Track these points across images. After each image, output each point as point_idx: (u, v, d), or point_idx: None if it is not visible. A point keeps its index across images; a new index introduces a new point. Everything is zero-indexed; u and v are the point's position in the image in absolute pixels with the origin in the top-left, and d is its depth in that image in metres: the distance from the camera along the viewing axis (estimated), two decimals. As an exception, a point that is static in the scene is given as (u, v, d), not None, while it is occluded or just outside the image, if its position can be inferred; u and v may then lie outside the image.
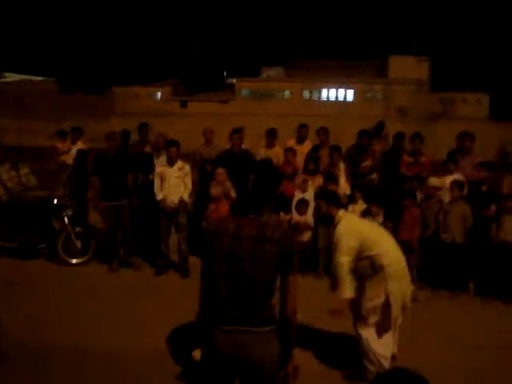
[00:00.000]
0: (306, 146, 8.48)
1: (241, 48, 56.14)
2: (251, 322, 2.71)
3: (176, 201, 7.36)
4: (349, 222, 4.59)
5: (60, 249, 7.80)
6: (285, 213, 7.60)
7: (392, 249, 4.61)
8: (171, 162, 7.42)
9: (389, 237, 4.74)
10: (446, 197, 7.15)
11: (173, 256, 7.74)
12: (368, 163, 8.15)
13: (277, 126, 9.05)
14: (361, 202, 7.36)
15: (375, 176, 8.08)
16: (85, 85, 46.05)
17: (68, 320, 5.72)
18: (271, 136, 8.51)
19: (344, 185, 7.77)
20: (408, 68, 41.98)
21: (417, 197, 7.31)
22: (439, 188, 7.30)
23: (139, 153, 8.28)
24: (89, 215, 8.95)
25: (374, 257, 4.46)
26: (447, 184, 7.13)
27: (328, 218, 4.92)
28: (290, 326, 2.79)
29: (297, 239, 3.01)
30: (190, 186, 7.58)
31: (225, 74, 55.41)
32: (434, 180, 7.39)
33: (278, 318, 2.80)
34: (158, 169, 7.58)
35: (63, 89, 45.73)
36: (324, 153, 8.22)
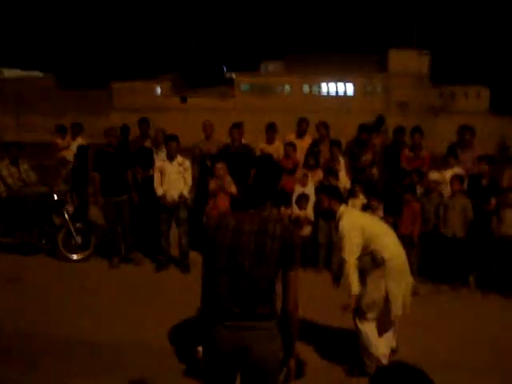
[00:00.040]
0: (306, 141, 8.45)
1: (240, 42, 55.93)
2: (253, 318, 2.70)
3: (176, 196, 7.35)
4: (351, 218, 4.58)
5: (60, 244, 7.80)
6: (285, 207, 7.60)
7: (393, 243, 4.61)
8: (171, 157, 7.40)
9: (390, 231, 4.74)
10: (447, 191, 7.14)
11: (173, 251, 7.74)
12: (368, 157, 8.14)
13: (277, 121, 9.01)
14: (361, 197, 7.35)
15: (375, 170, 8.07)
16: (84, 80, 45.91)
17: (69, 315, 5.74)
18: (271, 130, 8.48)
19: (344, 179, 7.76)
20: (408, 62, 41.79)
21: (417, 191, 7.31)
22: (439, 182, 7.29)
23: (139, 148, 8.26)
24: (89, 211, 8.97)
25: (375, 250, 4.47)
26: (447, 178, 7.12)
27: (329, 213, 4.91)
28: (292, 321, 2.78)
29: (298, 234, 2.98)
30: (190, 182, 7.56)
31: (224, 69, 55.31)
32: (435, 174, 7.38)
33: (280, 313, 2.79)
34: (158, 164, 7.56)
35: (62, 84, 45.57)
36: (324, 147, 8.21)
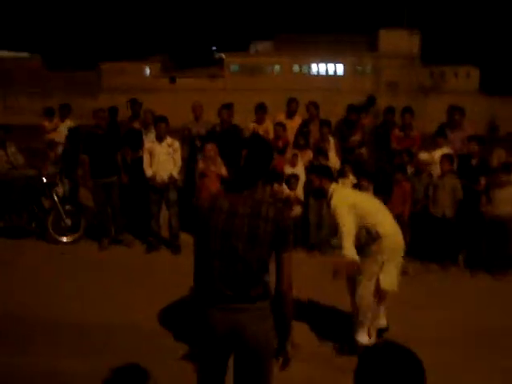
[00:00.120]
0: (296, 121, 8.42)
1: (230, 23, 55.42)
2: (246, 300, 2.70)
3: (165, 177, 7.32)
4: (342, 195, 4.61)
5: (50, 227, 7.76)
6: (278, 184, 7.54)
7: (389, 222, 4.62)
8: (160, 139, 7.35)
9: (384, 208, 4.74)
10: (436, 171, 7.16)
11: (164, 233, 7.73)
12: (357, 138, 8.14)
13: (266, 101, 8.97)
14: (351, 177, 7.35)
15: (364, 150, 8.07)
16: (72, 61, 45.38)
17: (58, 298, 5.72)
18: (261, 111, 8.43)
19: (334, 159, 7.75)
20: (399, 42, 41.68)
21: (407, 171, 7.32)
22: (429, 163, 7.30)
23: (128, 129, 8.20)
24: (79, 193, 8.92)
25: (369, 225, 4.48)
26: (436, 158, 7.13)
27: (319, 192, 4.92)
28: (286, 302, 2.77)
29: (291, 216, 2.96)
30: (180, 163, 7.53)
31: (214, 49, 54.84)
32: (424, 155, 7.38)
33: (274, 294, 2.79)
34: (147, 145, 7.51)
35: (50, 65, 45.02)
36: (314, 127, 8.18)
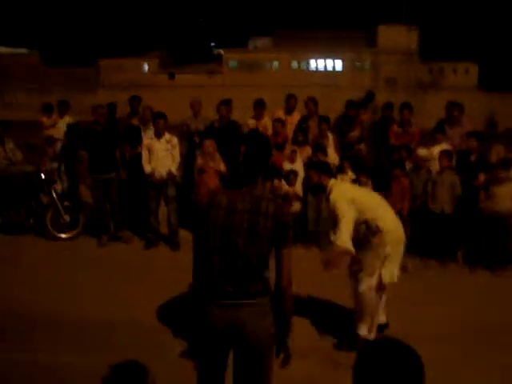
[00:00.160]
0: (295, 117, 8.41)
1: (228, 19, 55.22)
2: (246, 296, 2.70)
3: (164, 173, 7.32)
4: (341, 190, 4.60)
5: (48, 224, 7.76)
6: (279, 180, 7.54)
7: (390, 217, 4.62)
8: (159, 135, 7.34)
9: (384, 204, 4.73)
10: (435, 167, 7.16)
11: (162, 229, 7.73)
12: (355, 133, 8.14)
13: (265, 97, 8.94)
14: (350, 173, 7.35)
15: (363, 146, 8.07)
16: (70, 57, 45.21)
17: (57, 294, 5.73)
18: (260, 107, 8.42)
19: (333, 155, 7.75)
20: (397, 37, 41.58)
21: (406, 167, 7.32)
22: (427, 159, 7.29)
23: (127, 126, 8.20)
24: (79, 189, 8.91)
25: (369, 220, 4.48)
26: (435, 154, 7.13)
27: (318, 189, 4.91)
28: (286, 297, 2.77)
29: (290, 212, 2.95)
30: (178, 159, 7.53)
31: (212, 45, 54.73)
32: (423, 151, 7.38)
33: (274, 290, 2.78)
34: (146, 141, 7.51)
35: (48, 61, 44.86)
36: (313, 123, 8.17)
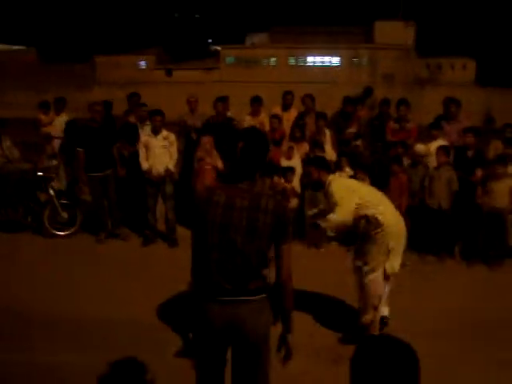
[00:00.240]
0: (292, 113, 8.41)
1: (225, 15, 54.99)
2: (245, 293, 2.70)
3: (162, 170, 7.31)
4: (342, 183, 4.62)
5: (46, 221, 7.74)
6: (278, 177, 7.54)
7: (390, 212, 4.62)
8: (156, 132, 7.33)
9: (384, 199, 4.74)
10: (432, 163, 7.15)
11: (160, 226, 7.73)
12: (353, 130, 8.14)
13: (263, 94, 8.93)
14: (347, 169, 7.35)
15: (360, 142, 8.07)
16: (67, 54, 45.00)
17: (55, 292, 5.72)
18: (257, 103, 8.42)
19: (330, 152, 7.75)
20: (394, 33, 41.47)
21: (403, 163, 7.32)
22: (425, 155, 7.29)
23: (124, 123, 8.19)
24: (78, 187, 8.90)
25: (369, 215, 4.48)
26: (433, 150, 7.12)
27: (316, 184, 4.92)
28: (286, 293, 2.78)
29: (290, 209, 2.96)
30: (176, 156, 7.52)
31: (209, 42, 54.60)
32: (421, 146, 7.38)
33: (274, 285, 2.79)
34: (143, 139, 7.49)
35: (44, 58, 44.65)
36: (310, 120, 8.18)
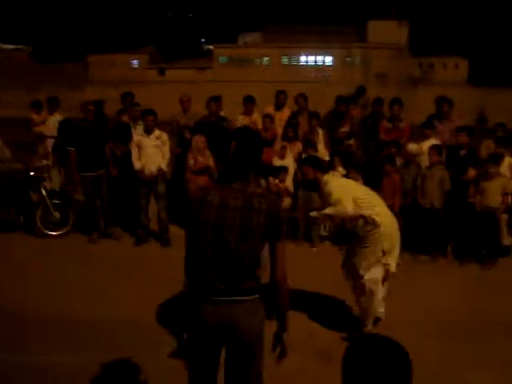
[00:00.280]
0: (285, 113, 8.42)
1: (218, 14, 54.97)
2: (239, 293, 2.70)
3: (154, 170, 7.29)
4: (338, 182, 4.63)
5: (38, 221, 7.70)
6: (273, 177, 7.53)
7: (384, 213, 4.64)
8: (148, 131, 7.30)
9: (380, 200, 4.75)
10: (425, 162, 7.17)
11: (153, 226, 7.71)
12: (345, 129, 8.14)
13: (255, 93, 8.94)
14: (340, 169, 7.35)
15: (353, 142, 8.08)
16: (59, 53, 44.79)
17: (48, 292, 5.70)
18: (249, 103, 8.42)
19: (323, 151, 7.75)
20: (387, 32, 41.58)
21: (396, 162, 7.33)
22: (417, 154, 7.30)
23: (117, 123, 8.17)
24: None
25: (366, 215, 4.49)
26: (425, 149, 7.14)
27: (308, 184, 4.92)
28: (281, 292, 2.78)
29: (283, 208, 2.95)
30: (168, 155, 7.50)
31: (202, 41, 54.54)
32: (413, 146, 7.39)
33: (269, 284, 2.79)
34: (135, 138, 7.47)
35: (36, 57, 44.45)
36: (303, 119, 8.18)
